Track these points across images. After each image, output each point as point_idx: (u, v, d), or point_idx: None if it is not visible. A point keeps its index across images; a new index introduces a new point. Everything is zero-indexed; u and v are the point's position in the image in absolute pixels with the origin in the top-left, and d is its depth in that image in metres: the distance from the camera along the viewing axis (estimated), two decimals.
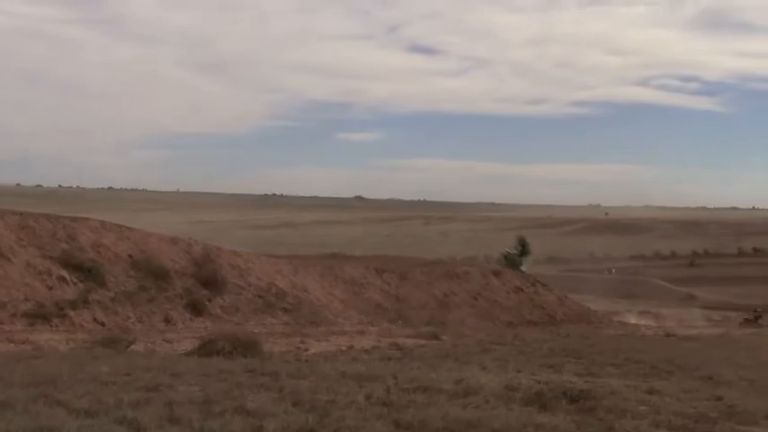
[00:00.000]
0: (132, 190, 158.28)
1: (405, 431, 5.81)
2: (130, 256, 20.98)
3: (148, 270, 20.64)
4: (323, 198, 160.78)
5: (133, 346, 12.62)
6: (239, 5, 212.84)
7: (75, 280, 18.98)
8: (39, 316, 17.25)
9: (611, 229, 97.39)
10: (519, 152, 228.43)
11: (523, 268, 30.20)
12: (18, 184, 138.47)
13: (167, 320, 19.44)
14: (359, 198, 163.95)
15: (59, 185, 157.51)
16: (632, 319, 34.93)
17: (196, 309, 20.42)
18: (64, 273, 18.99)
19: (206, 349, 11.65)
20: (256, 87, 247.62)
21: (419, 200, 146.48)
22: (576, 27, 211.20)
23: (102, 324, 17.84)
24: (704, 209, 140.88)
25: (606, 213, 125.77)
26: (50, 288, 18.38)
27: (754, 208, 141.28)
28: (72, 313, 17.81)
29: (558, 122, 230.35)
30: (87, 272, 19.34)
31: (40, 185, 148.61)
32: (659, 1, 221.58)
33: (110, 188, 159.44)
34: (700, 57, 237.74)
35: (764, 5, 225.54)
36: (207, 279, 21.59)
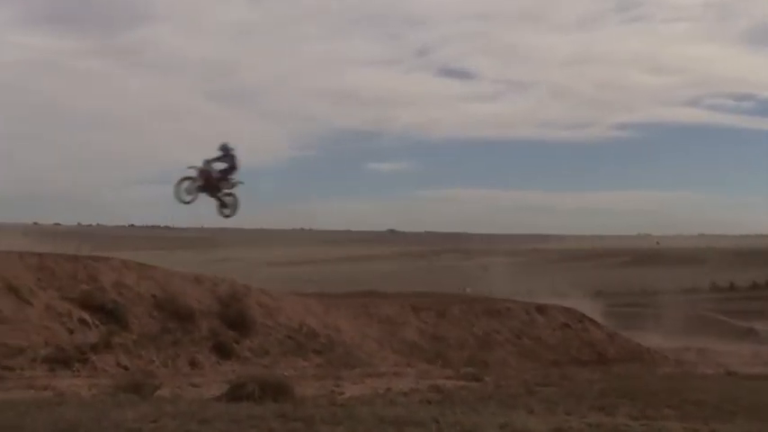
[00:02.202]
0: (154, 227, 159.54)
1: None
2: (153, 296, 21.10)
3: (172, 311, 20.73)
4: (354, 232, 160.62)
5: (159, 392, 12.68)
6: (261, 32, 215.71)
7: (97, 322, 19.13)
8: (59, 361, 17.37)
9: (662, 259, 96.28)
10: (562, 180, 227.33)
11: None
12: (35, 223, 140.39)
13: (193, 364, 19.47)
14: (392, 231, 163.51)
15: (78, 223, 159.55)
16: (690, 357, 34.37)
17: (223, 351, 20.42)
18: (85, 315, 19.15)
19: (235, 394, 11.68)
20: (281, 117, 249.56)
21: (456, 232, 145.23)
22: (616, 45, 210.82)
23: (126, 368, 17.93)
24: (764, 236, 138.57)
25: (657, 242, 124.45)
26: (71, 331, 18.53)
27: None
28: (94, 357, 17.93)
29: (602, 147, 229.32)
30: (109, 313, 19.48)
31: (58, 224, 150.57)
32: (706, 16, 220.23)
33: (131, 225, 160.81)
34: (753, 74, 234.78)
35: None
36: (234, 320, 21.60)
